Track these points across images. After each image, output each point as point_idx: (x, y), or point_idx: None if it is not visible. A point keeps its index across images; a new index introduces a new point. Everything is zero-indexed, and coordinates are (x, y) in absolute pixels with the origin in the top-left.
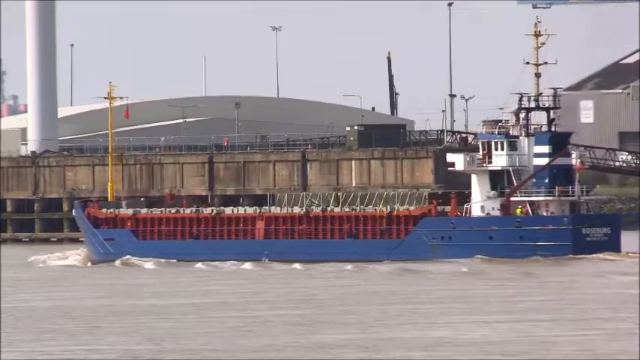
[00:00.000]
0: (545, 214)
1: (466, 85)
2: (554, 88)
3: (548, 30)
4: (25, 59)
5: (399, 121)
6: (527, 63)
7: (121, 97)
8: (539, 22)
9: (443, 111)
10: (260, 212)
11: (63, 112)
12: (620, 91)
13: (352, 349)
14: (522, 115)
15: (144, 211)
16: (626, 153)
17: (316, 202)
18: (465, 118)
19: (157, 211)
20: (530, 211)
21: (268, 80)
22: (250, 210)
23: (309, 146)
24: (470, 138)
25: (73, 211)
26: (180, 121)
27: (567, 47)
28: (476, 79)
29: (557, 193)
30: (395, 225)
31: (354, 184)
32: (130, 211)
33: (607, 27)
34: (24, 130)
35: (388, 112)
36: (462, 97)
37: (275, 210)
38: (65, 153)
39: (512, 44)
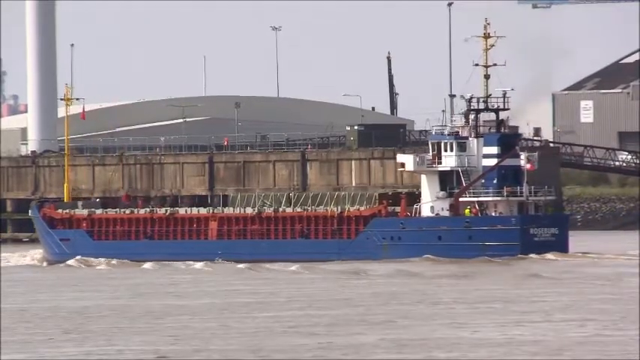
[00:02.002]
0: (493, 214)
1: (466, 85)
2: (503, 90)
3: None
4: (25, 59)
5: (399, 121)
6: (477, 65)
7: (77, 99)
8: (489, 24)
9: (443, 111)
10: (213, 213)
11: (63, 112)
12: (620, 91)
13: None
14: (472, 116)
15: (99, 211)
16: (626, 153)
17: (268, 203)
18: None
19: (111, 212)
20: (478, 212)
21: (268, 80)
22: (203, 210)
23: (309, 146)
24: None
25: (29, 211)
26: (181, 121)
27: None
28: (476, 79)
29: (505, 194)
30: (345, 225)
31: (353, 184)
32: (86, 212)
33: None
34: (24, 130)
35: (388, 112)
36: (462, 97)
37: (228, 210)
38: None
39: (511, 44)
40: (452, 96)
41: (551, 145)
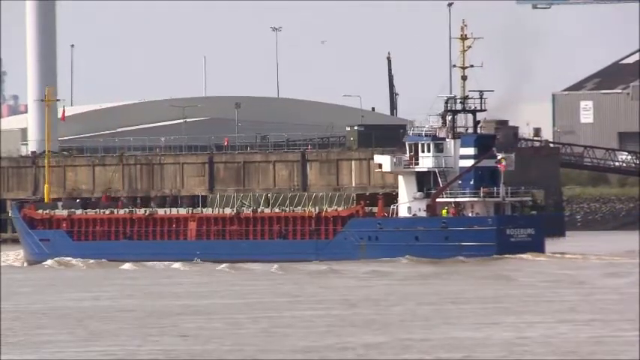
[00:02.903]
0: (470, 214)
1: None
2: (480, 91)
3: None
4: (25, 59)
5: (399, 121)
6: (454, 66)
7: (57, 100)
8: (466, 25)
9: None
10: (192, 213)
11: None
12: (620, 91)
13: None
14: (449, 117)
15: (79, 212)
16: (626, 153)
17: (247, 203)
18: (465, 119)
19: (91, 212)
20: (458, 212)
21: (268, 80)
22: (183, 211)
23: (309, 146)
24: None
25: (9, 212)
26: (181, 121)
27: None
28: (475, 79)
29: (482, 194)
30: (323, 225)
31: (353, 184)
32: (65, 212)
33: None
34: (24, 130)
35: (388, 112)
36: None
37: (207, 211)
38: (65, 153)
39: (511, 44)
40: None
41: (551, 145)
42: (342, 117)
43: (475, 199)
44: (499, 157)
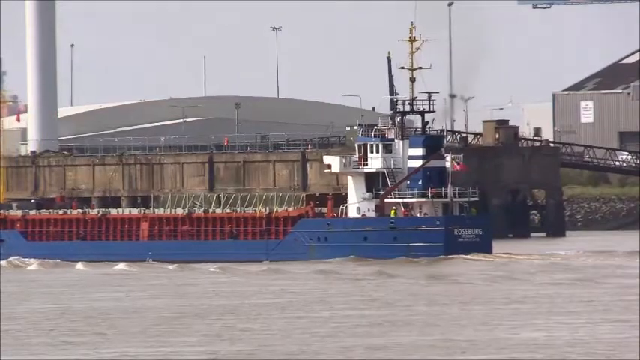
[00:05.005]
0: (418, 215)
1: (466, 85)
2: (429, 92)
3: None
4: (25, 59)
5: None
6: (402, 68)
7: (12, 102)
8: (414, 27)
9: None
10: (144, 213)
11: (63, 112)
12: (620, 91)
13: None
14: (397, 118)
15: (33, 212)
16: (626, 153)
17: (198, 204)
18: (465, 119)
19: (45, 213)
20: (409, 212)
21: (268, 80)
22: (135, 211)
23: (309, 146)
24: (470, 138)
25: None
26: (180, 121)
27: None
28: (475, 79)
29: (430, 195)
30: (274, 226)
31: None
32: (20, 213)
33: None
34: (24, 130)
35: (388, 112)
36: (462, 97)
37: (159, 211)
38: (65, 153)
39: (511, 44)
40: (452, 96)
41: (552, 145)
42: (342, 117)
43: (423, 199)
44: (453, 158)
